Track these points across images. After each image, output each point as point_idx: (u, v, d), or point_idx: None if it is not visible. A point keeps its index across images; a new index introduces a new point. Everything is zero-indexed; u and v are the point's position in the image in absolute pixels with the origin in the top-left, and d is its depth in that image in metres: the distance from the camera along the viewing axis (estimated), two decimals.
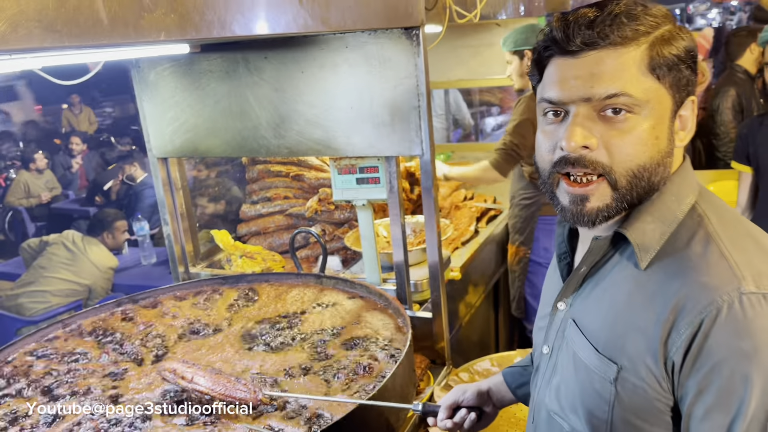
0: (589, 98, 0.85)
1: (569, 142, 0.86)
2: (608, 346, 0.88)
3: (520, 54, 3.00)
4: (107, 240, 4.04)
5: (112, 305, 1.94)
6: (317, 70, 1.81)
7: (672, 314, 0.81)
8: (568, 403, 0.95)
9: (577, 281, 0.98)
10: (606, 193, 0.87)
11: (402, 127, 1.74)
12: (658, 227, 0.88)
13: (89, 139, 8.98)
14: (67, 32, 0.71)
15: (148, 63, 2.03)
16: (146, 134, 2.15)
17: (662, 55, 0.85)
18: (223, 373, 1.36)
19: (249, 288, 2.01)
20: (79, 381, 1.54)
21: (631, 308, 0.87)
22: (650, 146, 0.86)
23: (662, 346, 0.82)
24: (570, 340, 0.96)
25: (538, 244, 3.04)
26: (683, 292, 0.81)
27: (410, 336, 1.52)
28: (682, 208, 0.89)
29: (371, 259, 2.04)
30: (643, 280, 0.87)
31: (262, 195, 2.68)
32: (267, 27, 1.05)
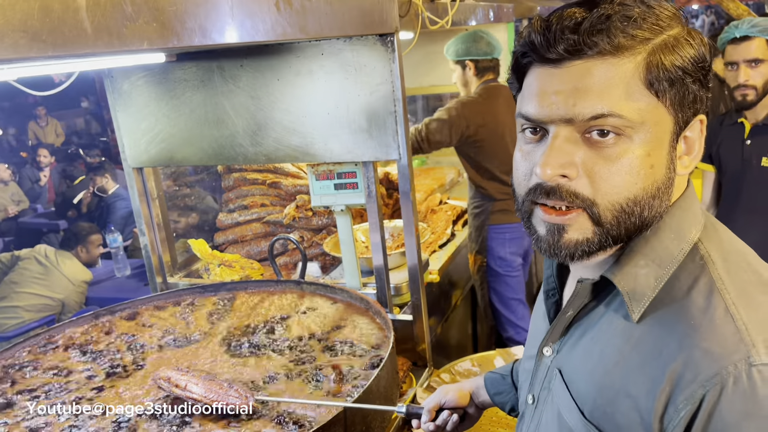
0: (572, 119, 0.72)
1: (544, 169, 0.73)
2: (596, 412, 0.76)
3: (461, 63, 3.04)
4: (81, 254, 3.98)
5: (90, 317, 1.92)
6: (293, 77, 1.82)
7: (668, 384, 0.69)
8: None
9: (563, 326, 0.85)
10: (586, 226, 0.74)
11: (379, 132, 1.76)
12: (653, 271, 0.75)
13: (56, 152, 8.82)
14: (52, 42, 0.72)
15: (121, 73, 2.02)
16: (121, 144, 2.13)
17: (663, 67, 0.71)
18: (216, 380, 1.36)
19: (229, 296, 2.00)
20: (60, 395, 1.52)
21: (621, 370, 0.74)
22: (643, 176, 0.72)
23: (657, 421, 0.70)
24: (555, 396, 0.85)
25: (493, 253, 3.03)
26: (682, 357, 0.69)
27: (393, 338, 1.54)
28: (683, 247, 0.76)
29: (351, 263, 2.05)
30: (635, 335, 0.74)
31: (238, 203, 2.67)
32: (247, 35, 1.06)
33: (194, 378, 1.38)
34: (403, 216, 1.86)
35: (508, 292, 3.09)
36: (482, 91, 3.00)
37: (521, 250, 3.09)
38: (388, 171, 2.93)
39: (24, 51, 0.69)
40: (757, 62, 2.35)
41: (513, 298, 3.10)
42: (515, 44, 0.79)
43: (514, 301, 3.11)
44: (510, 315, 3.12)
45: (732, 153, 2.52)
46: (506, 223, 3.00)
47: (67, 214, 5.86)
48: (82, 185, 5.85)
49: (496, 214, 2.99)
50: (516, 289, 3.10)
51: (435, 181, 3.76)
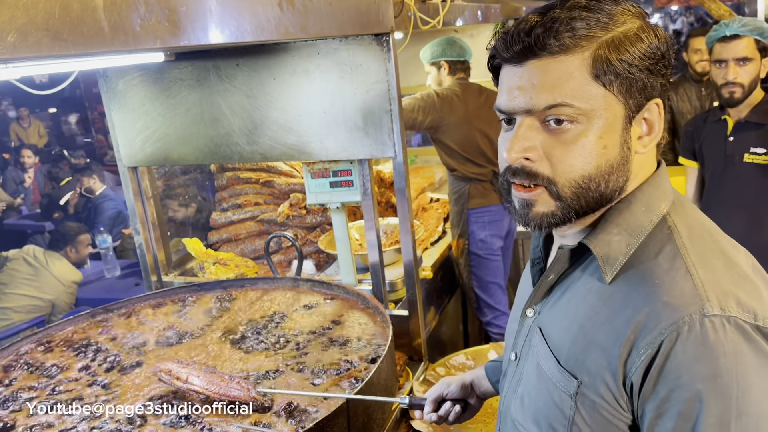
0: (530, 110, 0.83)
1: (509, 153, 0.84)
2: (570, 360, 0.86)
3: (437, 65, 3.24)
4: (71, 254, 3.96)
5: (87, 316, 1.93)
6: (289, 76, 1.85)
7: (633, 333, 0.78)
8: (530, 414, 0.93)
9: (545, 289, 0.95)
10: (549, 201, 0.85)
11: (375, 130, 1.79)
12: (625, 239, 0.85)
13: (40, 153, 8.73)
14: (72, 40, 0.73)
15: (116, 72, 2.03)
16: (115, 143, 2.14)
17: (608, 61, 0.80)
18: (217, 372, 1.39)
19: (226, 293, 2.02)
20: (61, 394, 1.53)
21: (593, 323, 0.84)
22: (596, 156, 0.82)
23: (622, 365, 0.79)
24: (535, 349, 0.94)
25: (474, 236, 3.12)
26: (645, 309, 0.78)
27: (391, 332, 1.57)
28: (652, 219, 0.86)
29: (346, 260, 2.08)
30: (607, 293, 0.84)
31: (232, 202, 2.69)
32: (252, 34, 1.09)
33: (195, 370, 1.40)
34: (399, 213, 1.89)
35: (487, 275, 3.16)
36: (454, 84, 3.18)
37: (501, 232, 3.18)
38: (380, 170, 2.96)
39: (46, 49, 0.71)
40: (746, 61, 2.41)
41: (491, 281, 3.17)
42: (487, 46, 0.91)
43: (492, 285, 3.18)
44: (488, 299, 3.19)
45: (715, 149, 2.58)
46: (484, 206, 3.10)
47: (53, 216, 5.81)
48: (68, 186, 5.80)
49: (474, 198, 3.10)
50: (495, 273, 3.17)
51: (424, 179, 3.80)
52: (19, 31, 0.68)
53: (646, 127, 0.86)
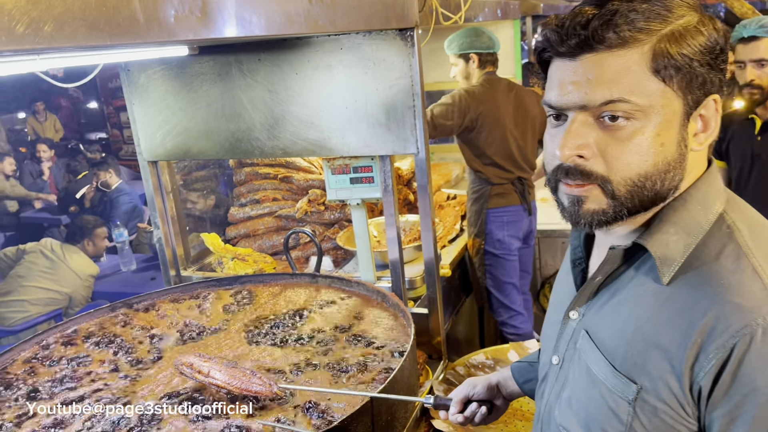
0: (585, 105, 0.80)
1: (563, 150, 0.81)
2: (626, 364, 0.83)
3: (465, 57, 3.13)
4: (87, 247, 3.98)
5: (107, 310, 1.93)
6: (311, 71, 1.83)
7: (700, 336, 0.75)
8: (579, 419, 0.90)
9: (591, 290, 0.92)
10: (601, 199, 0.82)
11: (397, 126, 1.78)
12: (682, 238, 0.82)
13: (56, 147, 8.80)
14: (109, 31, 0.73)
15: (138, 66, 2.03)
16: (136, 137, 2.14)
17: (669, 54, 0.77)
18: (239, 367, 1.38)
19: (246, 289, 2.01)
20: (83, 385, 1.53)
21: (652, 325, 0.81)
22: (654, 154, 0.79)
23: (688, 369, 0.76)
24: (583, 353, 0.91)
25: (491, 236, 3.09)
26: (713, 312, 0.75)
27: (414, 330, 1.56)
28: (709, 217, 0.83)
29: (366, 257, 2.07)
30: (665, 295, 0.81)
31: (250, 197, 2.68)
32: (282, 27, 1.07)
33: (217, 364, 1.39)
34: (420, 209, 1.87)
35: (503, 275, 3.14)
36: (484, 80, 3.10)
37: (519, 232, 3.15)
38: (398, 167, 2.94)
39: (83, 39, 0.70)
40: (764, 62, 2.37)
41: (507, 281, 3.15)
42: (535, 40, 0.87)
43: (508, 285, 3.16)
44: (503, 298, 3.16)
45: (742, 148, 2.54)
46: (504, 206, 3.07)
47: (69, 209, 5.86)
48: (85, 180, 5.84)
49: (494, 198, 3.07)
50: (511, 273, 3.15)
51: (441, 177, 3.78)
52: (56, 20, 0.67)
53: (702, 124, 0.83)
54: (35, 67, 0.99)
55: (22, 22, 0.64)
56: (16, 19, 0.63)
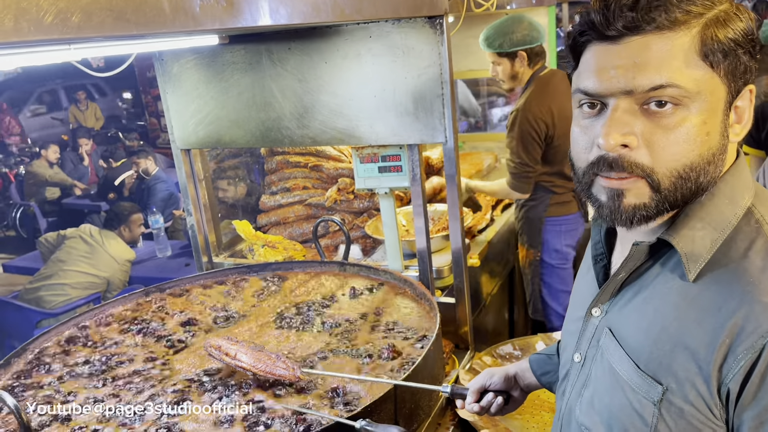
0: (631, 90, 0.76)
1: (607, 139, 0.77)
2: (651, 364, 0.80)
3: (511, 56, 2.76)
4: (124, 233, 4.09)
5: (140, 294, 1.98)
6: (341, 60, 1.84)
7: (728, 336, 0.73)
8: (601, 419, 0.88)
9: (614, 287, 0.89)
10: (644, 192, 0.79)
11: (425, 115, 1.77)
12: (709, 234, 0.79)
13: (96, 135, 9.03)
14: (135, 21, 0.74)
15: (171, 56, 2.06)
16: (170, 126, 2.18)
17: (717, 39, 0.75)
18: (265, 351, 1.40)
19: (275, 276, 2.04)
20: (120, 367, 1.58)
21: (679, 324, 0.78)
22: (700, 143, 0.76)
23: (716, 370, 0.74)
24: (606, 351, 0.88)
25: (548, 246, 2.97)
26: (742, 312, 0.73)
27: (439, 319, 1.56)
28: (737, 212, 0.80)
29: (394, 246, 2.07)
30: (692, 293, 0.78)
31: (281, 185, 2.71)
32: (308, 16, 1.08)
33: (243, 347, 1.42)
34: (448, 199, 1.87)
35: (560, 284, 3.03)
36: (537, 85, 2.78)
37: (574, 242, 3.03)
38: (428, 155, 2.92)
39: (110, 29, 0.71)
40: None
41: (563, 290, 3.04)
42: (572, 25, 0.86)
43: (564, 294, 3.05)
44: (558, 307, 3.07)
45: None
46: (563, 215, 2.93)
47: (108, 196, 6.02)
48: (123, 167, 5.99)
49: (553, 207, 2.90)
50: (567, 282, 3.04)
51: (472, 166, 3.74)
52: (84, 10, 0.68)
53: (736, 115, 0.80)
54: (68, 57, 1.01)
55: (50, 12, 0.66)
56: (44, 9, 0.65)
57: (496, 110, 6.24)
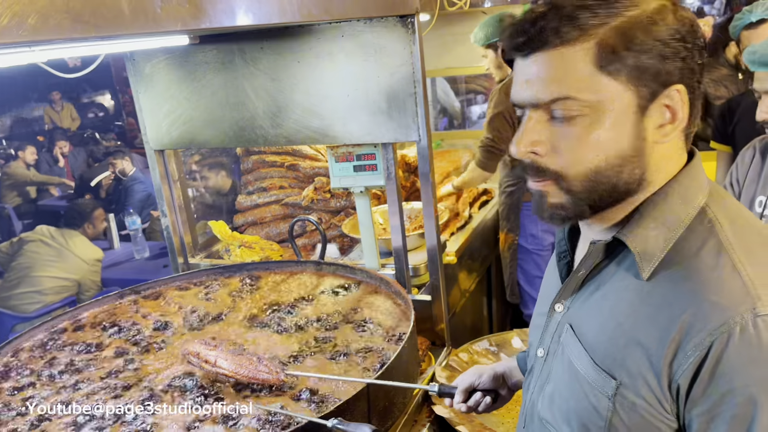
0: (536, 103, 0.81)
1: (517, 147, 0.83)
2: (607, 359, 0.83)
3: (493, 46, 3.00)
4: (88, 230, 3.99)
5: (115, 297, 1.96)
6: (313, 59, 1.84)
7: (678, 333, 0.75)
8: (561, 414, 0.90)
9: (575, 284, 0.92)
10: (559, 193, 0.83)
11: (399, 113, 1.78)
12: (662, 233, 0.81)
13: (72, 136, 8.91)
14: (94, 23, 0.73)
15: (142, 56, 2.04)
16: (143, 127, 2.16)
17: (615, 50, 0.76)
18: (245, 354, 1.40)
19: (250, 276, 2.04)
20: (92, 371, 1.56)
21: (633, 321, 0.80)
22: (605, 149, 0.79)
23: (667, 366, 0.76)
24: (566, 347, 0.91)
25: (525, 230, 3.07)
26: (691, 309, 0.75)
27: (413, 317, 1.57)
28: (690, 211, 0.82)
29: (370, 245, 2.08)
30: (645, 290, 0.81)
31: (257, 185, 2.70)
32: (274, 16, 1.08)
33: (223, 353, 1.42)
34: (422, 197, 1.88)
35: (535, 270, 3.13)
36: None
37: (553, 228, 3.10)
38: (405, 154, 2.94)
39: (67, 32, 0.71)
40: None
41: (538, 276, 3.13)
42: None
43: (539, 279, 3.12)
44: (533, 292, 3.15)
45: (751, 132, 2.49)
46: None
47: (85, 197, 5.93)
48: (100, 168, 5.92)
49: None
50: (542, 268, 3.11)
51: (451, 164, 3.76)
52: (39, 13, 0.68)
53: (669, 115, 0.81)
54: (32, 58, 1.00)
55: (5, 15, 0.65)
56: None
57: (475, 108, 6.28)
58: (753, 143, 2.03)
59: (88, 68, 1.45)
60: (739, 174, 2.04)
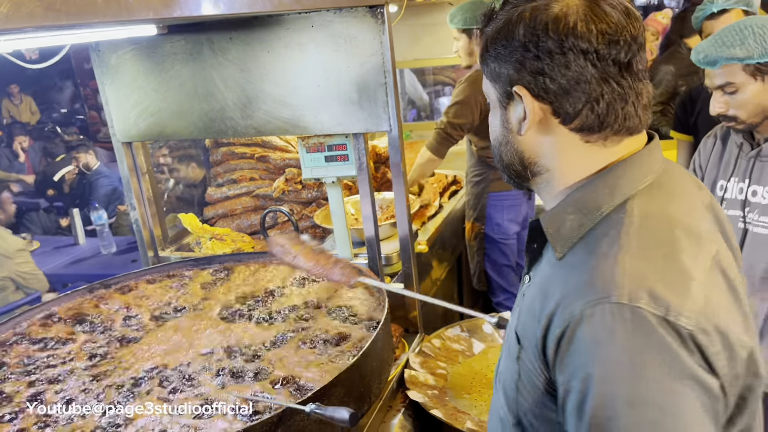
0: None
1: None
2: (520, 326, 0.90)
3: (468, 32, 2.98)
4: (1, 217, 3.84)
5: (85, 291, 1.94)
6: (283, 49, 1.83)
7: (554, 308, 0.80)
8: (501, 378, 0.98)
9: (531, 257, 0.98)
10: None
11: (369, 104, 1.79)
12: (578, 218, 0.86)
13: (32, 130, 8.66)
14: (66, 11, 0.73)
15: (108, 46, 2.01)
16: (109, 119, 2.13)
17: (483, 52, 0.92)
18: (325, 253, 1.47)
19: (223, 268, 2.03)
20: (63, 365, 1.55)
21: (540, 293, 0.86)
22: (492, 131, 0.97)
23: (542, 338, 0.82)
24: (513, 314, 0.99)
25: (491, 220, 3.10)
26: (569, 288, 0.80)
27: (387, 304, 1.59)
28: (614, 202, 0.85)
29: (342, 234, 2.09)
30: (556, 268, 0.87)
31: (227, 177, 2.69)
32: (246, 5, 1.08)
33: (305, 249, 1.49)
34: (394, 186, 1.90)
35: (501, 258, 3.17)
36: None
37: (519, 217, 3.16)
38: (375, 144, 2.95)
39: (39, 19, 0.70)
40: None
41: (505, 264, 3.18)
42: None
43: (505, 268, 3.19)
44: (501, 281, 3.20)
45: (712, 121, 2.57)
46: (506, 191, 3.06)
47: (47, 193, 5.80)
48: (63, 163, 5.78)
49: (496, 182, 3.05)
50: (508, 256, 3.18)
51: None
52: (12, 1, 0.67)
53: (521, 112, 0.89)
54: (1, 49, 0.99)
55: None
56: None
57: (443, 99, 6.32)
58: (714, 131, 2.11)
59: (52, 60, 1.43)
60: (702, 160, 2.11)
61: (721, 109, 1.86)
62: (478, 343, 2.03)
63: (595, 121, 0.85)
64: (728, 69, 1.79)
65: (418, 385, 1.75)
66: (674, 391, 0.72)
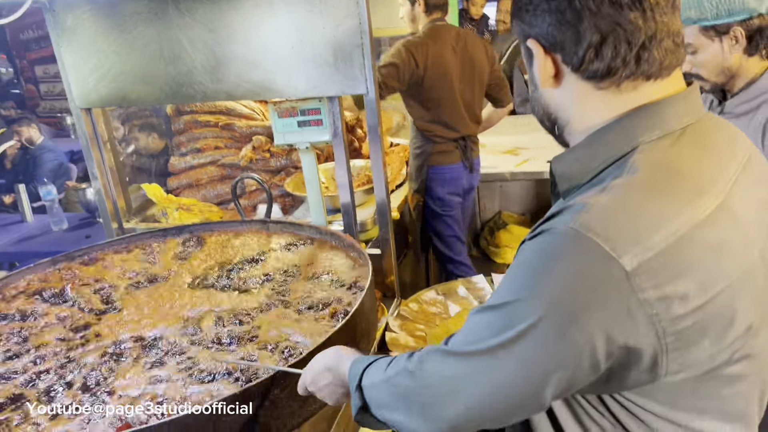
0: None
1: None
2: None
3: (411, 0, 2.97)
4: None
5: (48, 264, 1.86)
6: (252, 8, 1.78)
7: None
8: None
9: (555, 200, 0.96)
10: None
11: (345, 66, 1.76)
12: (585, 163, 0.85)
13: None
14: None
15: (63, 6, 1.90)
16: (66, 84, 2.02)
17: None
18: None
19: (194, 237, 1.98)
20: (39, 338, 1.48)
21: None
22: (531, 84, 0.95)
23: None
24: None
25: (432, 193, 3.08)
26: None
27: (371, 266, 1.58)
28: (624, 147, 0.82)
29: (316, 201, 2.06)
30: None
31: (190, 146, 2.60)
32: None
33: None
34: (371, 150, 1.88)
35: (446, 230, 3.17)
36: (428, 31, 2.93)
37: (459, 189, 3.14)
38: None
39: None
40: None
41: (451, 235, 3.18)
42: None
43: (452, 239, 3.20)
44: (449, 252, 3.21)
45: None
46: (445, 164, 3.03)
47: None
48: (3, 137, 5.47)
49: (435, 156, 3.01)
50: (453, 227, 3.18)
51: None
52: None
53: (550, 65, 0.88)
54: None
55: None
56: None
57: None
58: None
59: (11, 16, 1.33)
60: None
61: (686, 68, 1.91)
62: (453, 306, 2.05)
63: (600, 65, 0.82)
64: (686, 31, 1.83)
65: (399, 346, 1.76)
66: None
